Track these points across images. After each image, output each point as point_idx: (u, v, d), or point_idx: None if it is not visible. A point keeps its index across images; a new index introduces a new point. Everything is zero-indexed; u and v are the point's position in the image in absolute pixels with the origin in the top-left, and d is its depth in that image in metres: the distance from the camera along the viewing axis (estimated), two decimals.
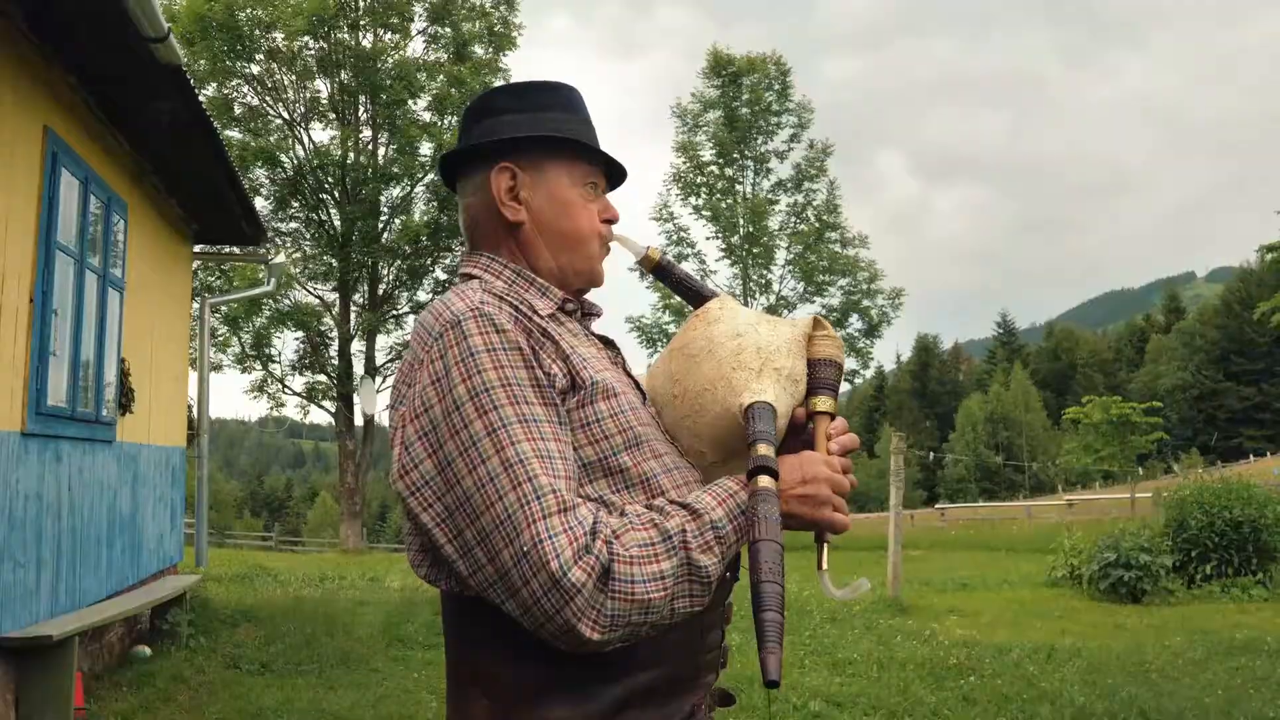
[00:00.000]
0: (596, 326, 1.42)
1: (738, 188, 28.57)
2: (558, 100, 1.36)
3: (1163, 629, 8.05)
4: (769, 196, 28.32)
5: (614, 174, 1.42)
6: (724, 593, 1.26)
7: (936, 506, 41.69)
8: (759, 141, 28.41)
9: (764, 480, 1.14)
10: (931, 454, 54.22)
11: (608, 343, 1.38)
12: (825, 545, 1.25)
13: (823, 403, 1.30)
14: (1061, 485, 51.08)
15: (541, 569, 1.02)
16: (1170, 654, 6.78)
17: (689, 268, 29.64)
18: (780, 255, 28.03)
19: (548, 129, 1.33)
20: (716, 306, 1.38)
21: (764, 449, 1.17)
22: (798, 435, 1.31)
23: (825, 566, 1.25)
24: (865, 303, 27.26)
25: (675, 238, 28.04)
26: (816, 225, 27.93)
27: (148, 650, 6.28)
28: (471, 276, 1.31)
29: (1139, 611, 9.08)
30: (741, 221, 27.46)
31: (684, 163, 28.38)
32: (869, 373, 32.51)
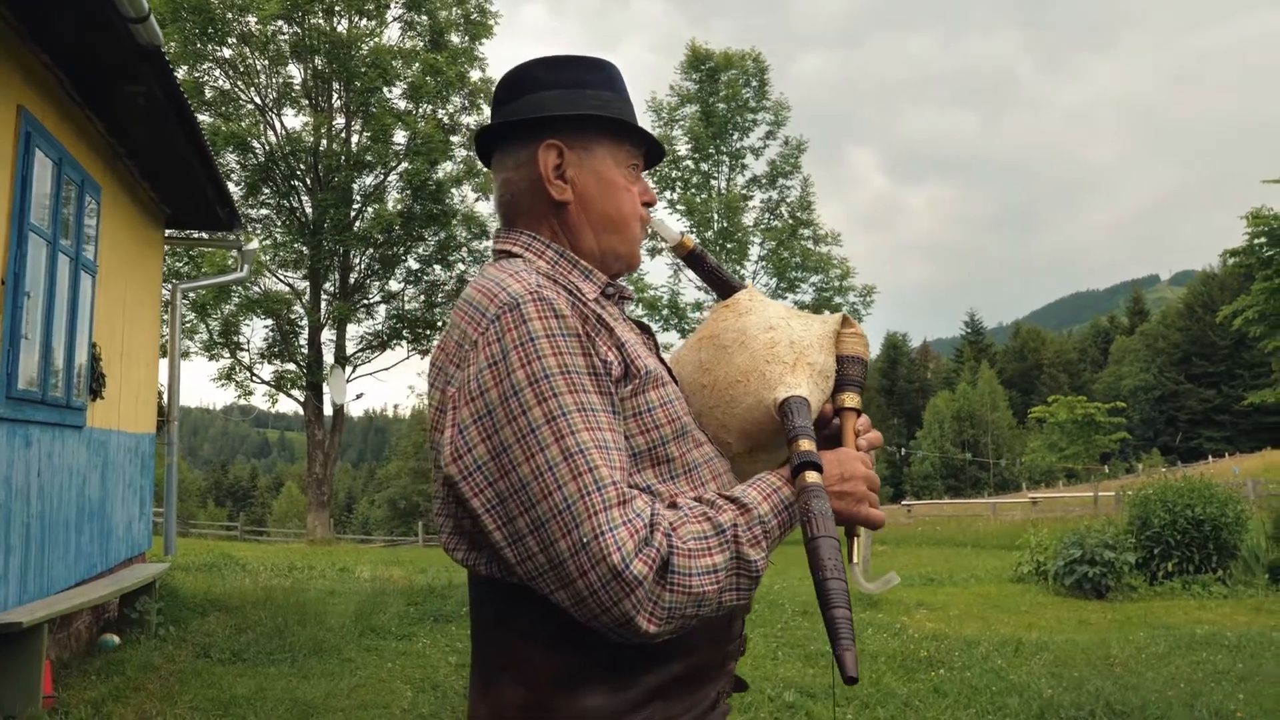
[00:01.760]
0: None
1: (712, 183, 28.65)
2: (601, 78, 1.33)
3: (1126, 624, 8.20)
4: (743, 192, 28.43)
5: (648, 156, 1.39)
6: None
7: (903, 503, 42.04)
8: (735, 137, 28.51)
9: (812, 476, 1.14)
10: (900, 450, 54.63)
11: (643, 328, 1.36)
12: (856, 539, 1.26)
13: (850, 399, 1.31)
14: (1026, 483, 51.70)
15: (602, 561, 1.01)
16: (1134, 648, 6.90)
17: (663, 263, 29.64)
18: (754, 251, 28.18)
19: (594, 107, 1.29)
20: (746, 298, 1.37)
21: (807, 444, 1.17)
22: (821, 430, 1.31)
23: (856, 560, 1.26)
24: (837, 299, 27.44)
25: (649, 231, 28.06)
26: (790, 222, 28.09)
27: (116, 639, 6.21)
28: (511, 254, 1.28)
29: (1103, 607, 9.23)
30: (716, 216, 27.53)
31: None
32: None
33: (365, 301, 23.96)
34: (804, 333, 1.31)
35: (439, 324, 23.47)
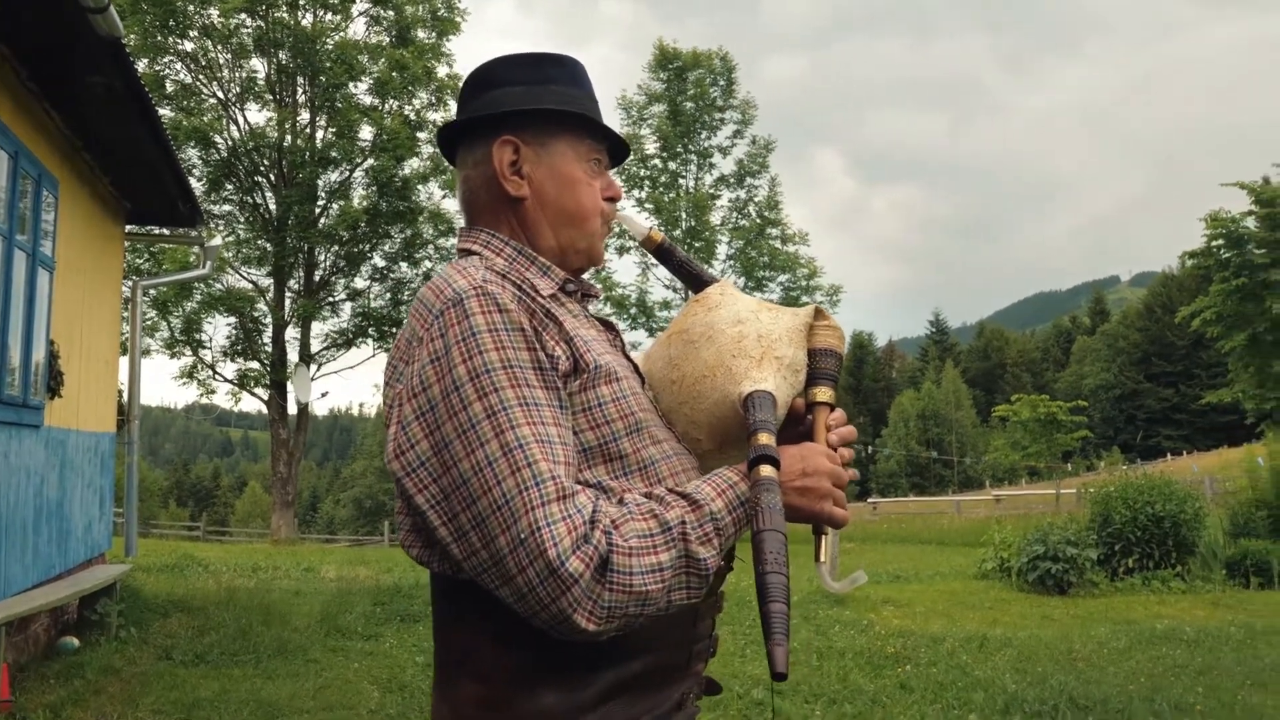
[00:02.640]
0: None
1: (680, 181, 28.69)
2: (563, 73, 1.32)
3: (1088, 619, 8.32)
4: (711, 191, 28.50)
5: (615, 151, 1.38)
6: (717, 582, 1.25)
7: (869, 500, 42.37)
8: (703, 136, 28.57)
9: (766, 470, 1.12)
10: (867, 448, 55.05)
11: (607, 325, 1.35)
12: (823, 538, 1.24)
13: (822, 393, 1.29)
14: (989, 481, 52.32)
15: (538, 556, 1.00)
16: (1096, 643, 7.01)
17: (631, 261, 29.70)
18: (721, 250, 28.24)
19: (553, 102, 1.29)
20: (717, 292, 1.36)
21: (765, 438, 1.15)
22: (795, 426, 1.30)
23: (824, 559, 1.24)
24: (804, 299, 27.58)
25: (618, 230, 28.07)
26: (758, 221, 28.20)
27: (75, 641, 6.10)
28: (470, 253, 1.27)
29: (1065, 603, 9.36)
30: (684, 215, 27.56)
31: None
32: None
33: (330, 299, 23.70)
34: (773, 326, 1.29)
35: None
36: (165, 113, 20.79)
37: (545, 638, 1.07)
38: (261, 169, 22.44)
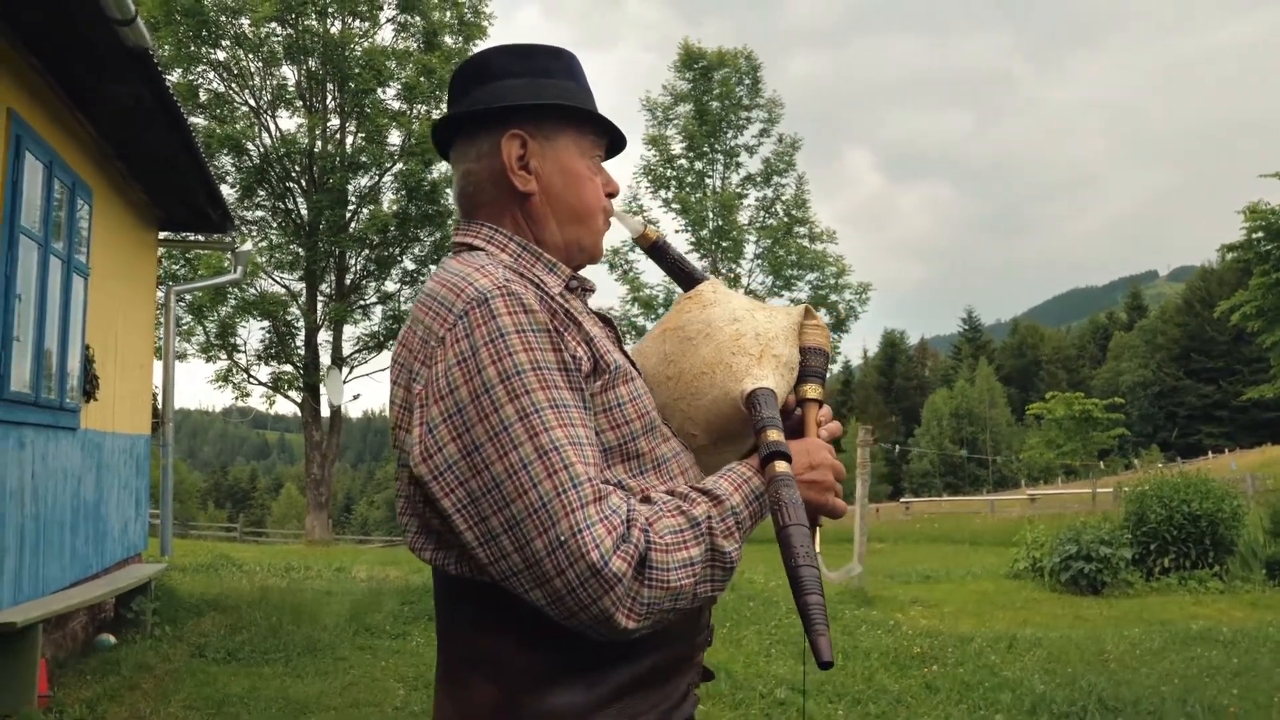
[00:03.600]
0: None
1: (707, 181, 28.68)
2: (561, 66, 1.31)
3: (1121, 620, 8.21)
4: (738, 190, 28.46)
5: (610, 146, 1.38)
6: None
7: (901, 500, 42.05)
8: (729, 135, 28.54)
9: (781, 465, 1.14)
10: (897, 448, 54.63)
11: (605, 320, 1.35)
12: (818, 529, 1.27)
13: (812, 390, 1.32)
14: (1024, 480, 51.73)
15: (580, 559, 1.00)
16: (1128, 644, 6.91)
17: None
18: (749, 249, 28.25)
19: (557, 96, 1.27)
20: (710, 290, 1.38)
21: (775, 434, 1.18)
22: (783, 422, 1.31)
23: (819, 550, 1.27)
24: (833, 297, 27.48)
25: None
26: (785, 220, 28.12)
27: (112, 638, 6.22)
28: (472, 247, 1.26)
29: (1099, 603, 9.25)
30: (711, 215, 27.56)
31: (654, 155, 28.42)
32: (836, 367, 32.75)
33: (361, 302, 23.93)
34: (768, 324, 1.32)
35: None
36: (198, 121, 21.11)
37: (573, 638, 1.08)
38: (293, 175, 22.72)
